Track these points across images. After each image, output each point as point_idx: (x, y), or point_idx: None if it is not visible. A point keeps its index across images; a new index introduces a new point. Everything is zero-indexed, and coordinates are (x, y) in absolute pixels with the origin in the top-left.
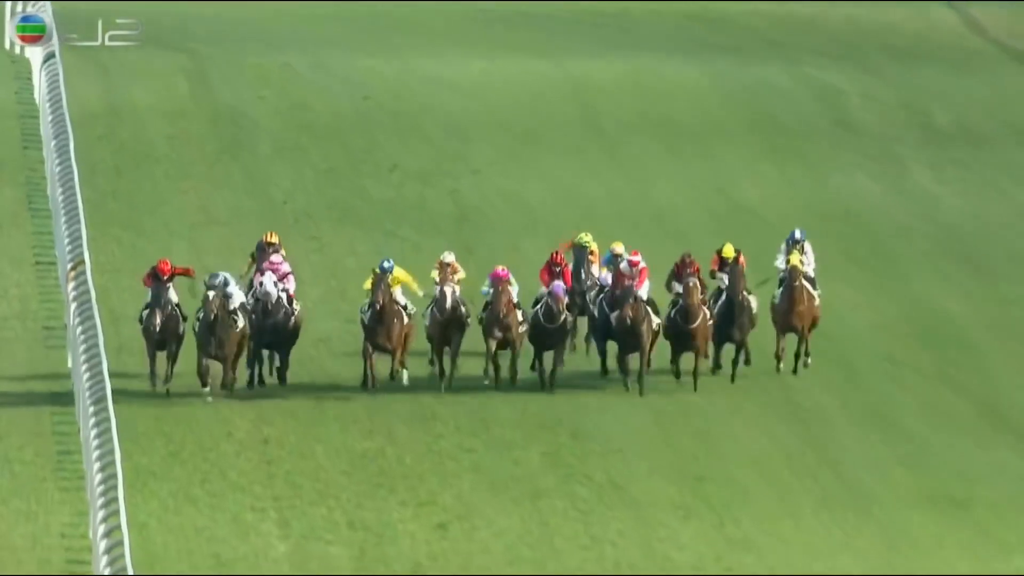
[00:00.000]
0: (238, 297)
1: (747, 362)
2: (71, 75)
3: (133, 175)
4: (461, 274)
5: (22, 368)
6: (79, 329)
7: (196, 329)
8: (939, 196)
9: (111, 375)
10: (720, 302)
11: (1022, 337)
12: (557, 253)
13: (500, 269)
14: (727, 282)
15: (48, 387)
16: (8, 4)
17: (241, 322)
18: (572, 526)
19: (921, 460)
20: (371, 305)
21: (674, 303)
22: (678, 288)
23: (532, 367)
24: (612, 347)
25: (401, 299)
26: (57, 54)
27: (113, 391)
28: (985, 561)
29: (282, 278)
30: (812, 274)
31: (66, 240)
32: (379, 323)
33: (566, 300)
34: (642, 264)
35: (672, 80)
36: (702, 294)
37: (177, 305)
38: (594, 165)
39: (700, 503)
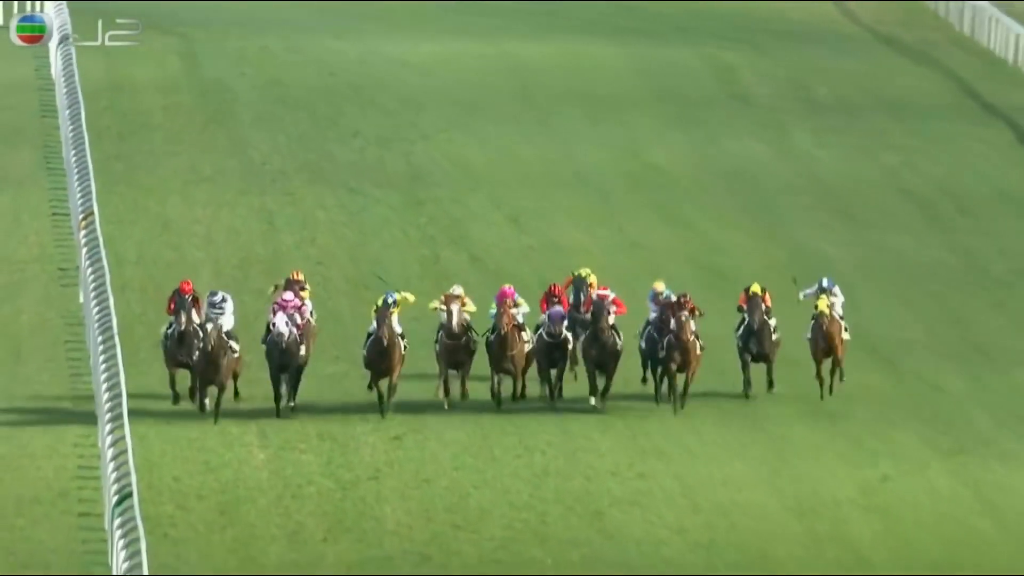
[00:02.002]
0: (229, 321)
1: (770, 385)
2: (82, 54)
3: (134, 140)
4: (471, 307)
5: (40, 304)
6: (89, 271)
7: (194, 358)
8: (819, 158)
9: (116, 310)
10: (742, 327)
11: (888, 277)
12: (555, 286)
13: (507, 287)
14: (747, 310)
15: (62, 320)
16: (14, 3)
17: (237, 348)
18: (508, 439)
19: (803, 382)
20: (372, 337)
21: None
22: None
23: (544, 389)
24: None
25: (398, 328)
26: (70, 37)
27: (118, 324)
28: (857, 466)
29: (290, 311)
30: (841, 311)
31: (78, 195)
32: (380, 355)
33: (565, 323)
34: (612, 296)
35: (594, 59)
36: (697, 320)
37: (199, 325)
38: (527, 132)
39: (616, 419)
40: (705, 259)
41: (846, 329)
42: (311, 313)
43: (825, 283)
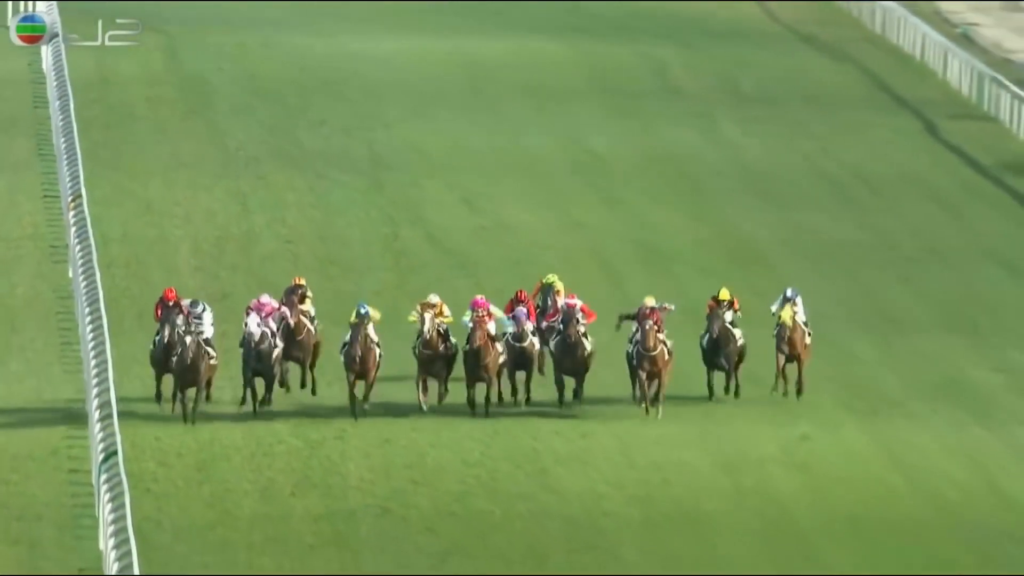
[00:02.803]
0: (208, 331)
1: (736, 394)
2: (71, 50)
3: (120, 129)
4: (448, 317)
5: (33, 279)
6: (77, 248)
7: (174, 364)
8: (744, 145)
9: (102, 285)
10: (706, 337)
11: (806, 254)
12: (522, 291)
13: (479, 298)
14: (710, 321)
15: (53, 293)
16: (9, 4)
17: (214, 354)
18: (462, 403)
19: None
20: (348, 347)
21: (634, 340)
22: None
23: (512, 393)
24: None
25: (374, 336)
26: (60, 34)
27: (104, 297)
28: (779, 426)
29: (268, 315)
30: (804, 318)
31: (67, 179)
32: (355, 360)
33: (529, 324)
34: (579, 303)
35: (540, 54)
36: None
37: (182, 333)
38: (479, 121)
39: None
40: (641, 237)
41: (809, 335)
42: (314, 320)
43: (789, 293)
